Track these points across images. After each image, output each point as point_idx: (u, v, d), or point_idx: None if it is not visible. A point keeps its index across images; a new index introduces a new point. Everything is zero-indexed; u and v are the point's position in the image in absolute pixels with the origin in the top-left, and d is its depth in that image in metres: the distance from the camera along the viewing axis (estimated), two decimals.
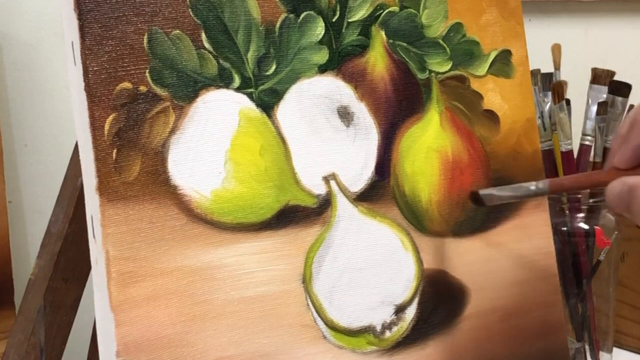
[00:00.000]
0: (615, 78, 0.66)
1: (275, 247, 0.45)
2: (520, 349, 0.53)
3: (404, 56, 0.50)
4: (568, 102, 0.64)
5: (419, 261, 0.49)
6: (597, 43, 1.00)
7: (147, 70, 0.43)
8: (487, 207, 0.50)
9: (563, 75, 0.67)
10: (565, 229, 0.63)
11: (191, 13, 0.44)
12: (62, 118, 0.73)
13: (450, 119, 0.51)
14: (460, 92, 0.52)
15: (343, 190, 0.48)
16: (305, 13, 0.47)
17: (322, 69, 0.47)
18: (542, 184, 0.45)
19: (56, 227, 0.52)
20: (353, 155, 0.48)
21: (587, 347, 0.64)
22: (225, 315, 0.44)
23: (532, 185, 0.46)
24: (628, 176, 0.39)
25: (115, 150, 0.42)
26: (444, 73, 0.51)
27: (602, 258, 0.62)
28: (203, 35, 0.44)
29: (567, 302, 0.63)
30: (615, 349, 0.68)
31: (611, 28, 1.01)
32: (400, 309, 0.48)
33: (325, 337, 0.46)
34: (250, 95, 0.45)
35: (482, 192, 0.49)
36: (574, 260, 0.63)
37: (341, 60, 0.48)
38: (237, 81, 0.45)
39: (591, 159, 0.64)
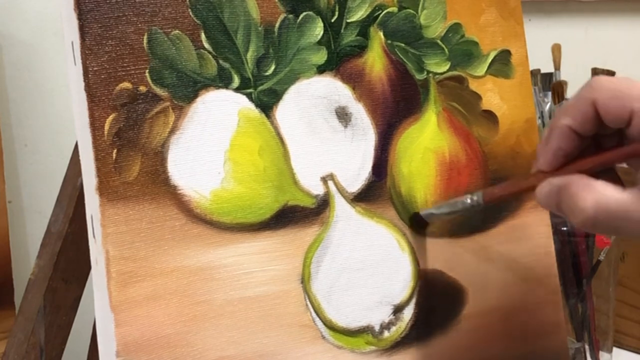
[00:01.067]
0: None
1: (274, 247, 0.45)
2: (520, 349, 0.53)
3: (402, 57, 0.50)
4: None
5: (416, 261, 0.49)
6: (597, 43, 1.00)
7: (147, 70, 0.43)
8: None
9: (563, 75, 0.67)
10: (565, 229, 0.63)
11: (191, 13, 0.44)
12: (62, 118, 0.73)
13: (447, 120, 0.51)
14: (459, 92, 0.52)
15: (341, 190, 0.48)
16: (304, 13, 0.47)
17: (321, 70, 0.48)
18: (477, 195, 0.46)
19: (56, 227, 0.52)
20: (351, 156, 0.48)
21: (587, 347, 0.64)
22: (224, 315, 0.44)
23: (468, 198, 0.47)
24: (553, 177, 0.40)
25: (115, 150, 0.42)
26: (442, 74, 0.51)
27: (602, 258, 0.62)
28: (203, 36, 0.44)
29: (567, 302, 0.63)
30: (615, 349, 0.68)
31: (611, 28, 1.01)
32: (398, 309, 0.49)
33: (324, 337, 0.46)
34: (249, 96, 0.45)
35: (422, 212, 0.49)
36: (574, 260, 0.63)
37: (340, 60, 0.48)
38: (236, 81, 0.45)
39: None
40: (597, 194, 0.37)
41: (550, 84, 0.66)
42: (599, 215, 0.37)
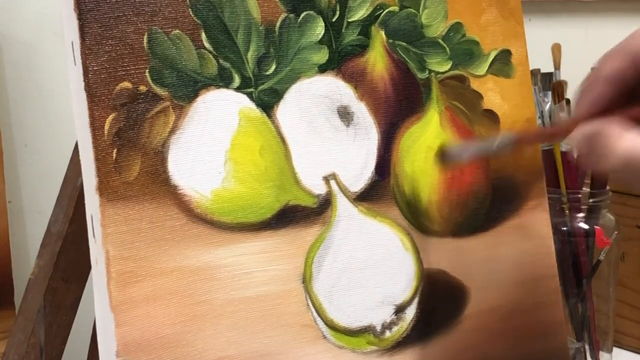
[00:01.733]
0: None
1: (275, 247, 0.45)
2: (520, 349, 0.53)
3: (403, 56, 0.50)
4: (568, 102, 0.64)
5: (419, 261, 0.49)
6: (597, 43, 1.00)
7: (147, 70, 0.43)
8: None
9: (563, 75, 0.67)
10: (565, 229, 0.63)
11: (191, 13, 0.44)
12: (62, 118, 0.73)
13: (450, 119, 0.51)
14: (460, 91, 0.52)
15: (343, 190, 0.48)
16: (305, 13, 0.47)
17: (322, 69, 0.47)
18: (509, 136, 0.45)
19: (56, 227, 0.52)
20: (353, 155, 0.48)
21: (587, 347, 0.64)
22: (225, 315, 0.44)
23: (499, 136, 0.46)
24: (590, 122, 0.40)
25: (115, 150, 0.42)
26: (443, 73, 0.51)
27: (602, 258, 0.62)
28: (203, 35, 0.44)
29: (567, 302, 0.63)
30: (615, 349, 0.68)
31: (611, 28, 1.01)
32: (400, 309, 0.48)
33: (325, 337, 0.46)
34: (250, 95, 0.45)
35: (452, 150, 0.48)
36: (574, 260, 0.63)
37: (341, 60, 0.48)
38: (237, 81, 0.45)
39: None
40: (631, 138, 0.37)
41: (550, 84, 0.65)
42: (630, 159, 0.37)
